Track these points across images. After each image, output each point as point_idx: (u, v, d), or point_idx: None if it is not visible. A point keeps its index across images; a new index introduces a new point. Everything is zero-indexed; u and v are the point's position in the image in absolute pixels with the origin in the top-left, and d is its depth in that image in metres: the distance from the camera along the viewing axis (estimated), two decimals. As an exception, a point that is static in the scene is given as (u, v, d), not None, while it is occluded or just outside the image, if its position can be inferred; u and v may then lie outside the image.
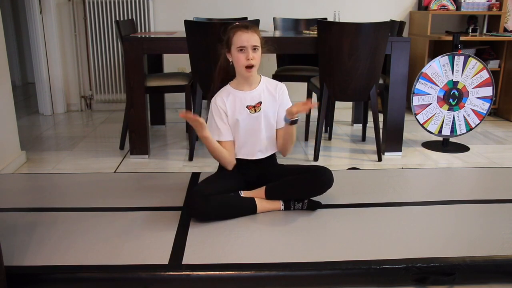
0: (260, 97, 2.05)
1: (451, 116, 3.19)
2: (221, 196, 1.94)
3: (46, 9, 4.08)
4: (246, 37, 1.92)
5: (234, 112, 2.04)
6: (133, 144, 2.99)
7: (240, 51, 1.93)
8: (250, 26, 1.96)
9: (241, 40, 1.92)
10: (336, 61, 2.81)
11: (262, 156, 2.10)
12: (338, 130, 3.76)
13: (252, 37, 1.92)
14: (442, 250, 1.71)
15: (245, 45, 1.92)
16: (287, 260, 1.64)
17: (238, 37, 1.93)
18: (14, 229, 1.85)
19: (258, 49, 1.95)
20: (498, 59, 4.14)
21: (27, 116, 4.24)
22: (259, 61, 1.98)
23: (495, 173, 2.62)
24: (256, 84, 2.06)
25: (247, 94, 2.04)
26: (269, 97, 2.06)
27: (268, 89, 2.07)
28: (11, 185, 2.40)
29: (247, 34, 1.92)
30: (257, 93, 2.05)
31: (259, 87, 2.06)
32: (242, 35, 1.92)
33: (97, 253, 1.69)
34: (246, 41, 1.92)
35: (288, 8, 4.27)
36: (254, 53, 1.93)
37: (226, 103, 2.04)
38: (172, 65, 4.21)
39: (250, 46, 1.92)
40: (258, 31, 1.97)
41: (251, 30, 1.93)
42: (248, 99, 2.04)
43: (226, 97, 2.05)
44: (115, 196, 2.21)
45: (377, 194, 2.23)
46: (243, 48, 1.93)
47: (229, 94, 2.05)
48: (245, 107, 2.03)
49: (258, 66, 1.99)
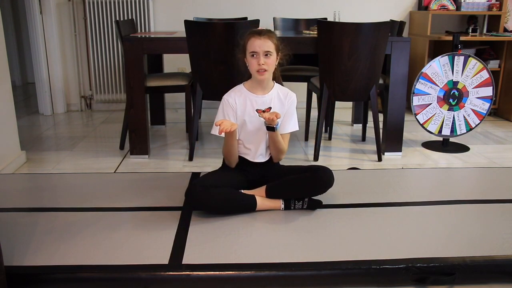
0: (270, 103, 2.09)
1: (451, 116, 3.19)
2: (221, 189, 1.98)
3: (46, 9, 4.08)
4: (258, 43, 1.97)
5: (244, 112, 2.08)
6: (133, 144, 2.99)
7: (252, 56, 1.99)
8: (264, 32, 2.01)
9: (253, 46, 1.98)
10: (336, 61, 2.81)
11: (263, 160, 2.14)
12: (338, 130, 3.76)
13: (264, 43, 1.97)
14: (442, 250, 1.71)
15: (257, 50, 1.97)
16: (287, 260, 1.64)
17: (251, 43, 1.98)
18: (14, 229, 1.86)
19: (271, 55, 1.99)
20: (498, 59, 4.14)
21: (27, 116, 4.24)
22: (272, 66, 2.02)
23: (495, 173, 2.62)
24: (269, 89, 2.10)
25: (259, 98, 2.08)
26: (278, 103, 2.10)
27: (279, 97, 2.11)
28: (11, 185, 2.40)
29: (260, 40, 1.97)
30: (269, 99, 2.09)
31: (271, 93, 2.10)
32: (255, 41, 1.97)
33: (97, 253, 1.69)
34: (258, 46, 1.97)
35: (288, 8, 4.27)
36: (266, 58, 1.98)
37: (237, 102, 2.08)
38: (172, 65, 4.21)
39: (262, 51, 1.97)
40: (273, 37, 2.01)
41: (265, 36, 1.98)
42: (259, 103, 2.08)
43: (238, 97, 2.08)
44: (115, 196, 2.21)
45: (377, 194, 2.23)
46: (255, 53, 1.98)
47: (241, 94, 2.09)
48: (255, 110, 2.07)
49: (271, 71, 2.03)
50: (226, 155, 2.11)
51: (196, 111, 2.94)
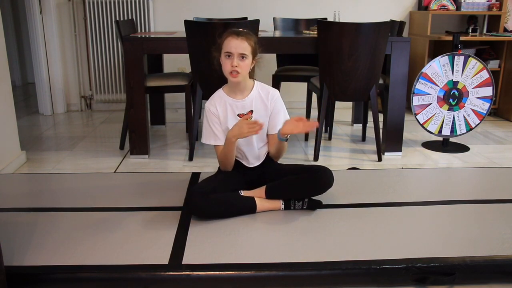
0: (251, 105, 2.03)
1: (451, 116, 3.19)
2: (220, 194, 1.95)
3: (46, 9, 4.08)
4: (234, 43, 1.89)
5: (226, 119, 2.03)
6: (133, 144, 2.99)
7: (227, 57, 1.92)
8: (243, 33, 1.92)
9: (229, 46, 1.90)
10: (336, 61, 2.81)
11: (258, 163, 2.12)
12: (338, 130, 3.76)
13: (240, 45, 1.89)
14: (442, 250, 1.71)
15: (232, 51, 1.89)
16: (287, 260, 1.64)
17: (227, 42, 1.91)
18: (14, 229, 1.85)
19: (246, 58, 1.92)
20: (498, 59, 4.14)
21: (27, 116, 4.24)
22: (246, 69, 1.94)
23: (495, 173, 2.62)
24: (249, 91, 2.04)
25: (239, 102, 2.03)
26: (261, 105, 2.05)
27: (261, 97, 2.05)
28: (11, 185, 2.40)
29: (237, 41, 1.89)
30: (249, 101, 2.03)
31: (251, 94, 2.04)
32: (231, 41, 1.90)
33: (97, 253, 1.69)
34: (234, 47, 1.89)
35: (288, 8, 4.27)
36: (240, 61, 1.90)
37: (218, 109, 2.03)
38: (172, 65, 4.21)
39: (237, 53, 1.89)
40: (251, 39, 1.93)
41: (242, 37, 1.90)
42: (240, 107, 2.03)
43: (218, 104, 2.04)
44: (115, 196, 2.21)
45: (377, 194, 2.23)
46: (230, 54, 1.90)
47: (221, 100, 2.04)
48: (236, 115, 2.03)
49: (245, 74, 1.96)
50: (223, 160, 2.05)
51: (196, 111, 2.94)
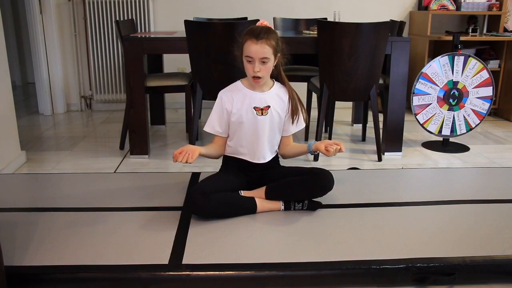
0: (269, 101, 2.03)
1: (451, 116, 3.19)
2: (221, 194, 1.95)
3: (46, 9, 4.08)
4: (254, 48, 1.87)
5: (241, 110, 2.02)
6: (133, 144, 2.99)
7: (248, 61, 1.91)
8: (262, 35, 1.88)
9: (249, 51, 1.88)
10: (336, 61, 2.81)
11: (263, 161, 2.11)
12: (338, 130, 3.76)
13: (261, 50, 1.87)
14: (442, 250, 1.71)
15: (252, 56, 1.89)
16: (287, 260, 1.64)
17: (247, 46, 1.89)
18: (14, 229, 1.85)
19: (268, 61, 1.91)
20: (498, 59, 4.14)
21: (27, 116, 4.24)
22: (268, 71, 1.94)
23: (495, 173, 2.62)
24: (268, 88, 2.05)
25: (257, 95, 2.02)
26: (279, 103, 2.05)
27: (279, 96, 2.06)
28: (11, 185, 2.40)
29: (256, 45, 1.87)
30: (268, 96, 2.03)
31: (271, 91, 2.05)
32: (251, 45, 1.87)
33: (97, 253, 1.68)
34: (254, 53, 1.87)
35: (288, 8, 4.27)
36: (262, 65, 1.90)
37: (233, 100, 2.02)
38: (172, 65, 4.21)
39: (258, 58, 1.88)
40: (270, 40, 1.89)
41: (262, 41, 1.87)
42: (257, 100, 2.02)
43: (235, 94, 2.03)
44: (115, 196, 2.21)
45: (377, 194, 2.23)
46: (251, 59, 1.90)
47: (239, 92, 2.04)
48: (253, 107, 2.02)
49: (267, 77, 1.97)
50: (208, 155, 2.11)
51: (196, 111, 2.94)
